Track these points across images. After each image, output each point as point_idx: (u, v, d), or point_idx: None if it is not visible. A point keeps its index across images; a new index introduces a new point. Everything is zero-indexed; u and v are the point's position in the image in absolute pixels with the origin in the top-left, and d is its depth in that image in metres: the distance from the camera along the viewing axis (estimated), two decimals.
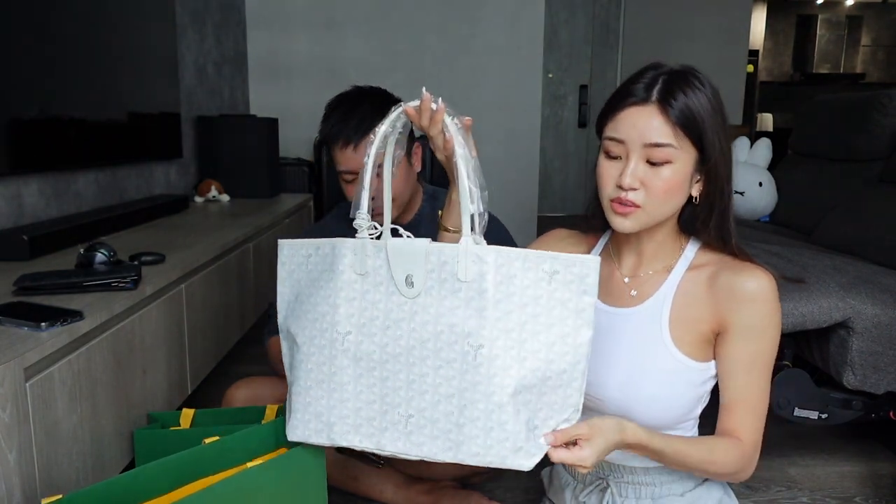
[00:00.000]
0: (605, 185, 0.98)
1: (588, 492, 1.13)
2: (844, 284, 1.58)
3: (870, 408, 1.63)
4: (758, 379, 1.00)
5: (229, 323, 2.03)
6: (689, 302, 1.01)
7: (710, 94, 0.96)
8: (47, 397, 1.06)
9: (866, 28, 8.74)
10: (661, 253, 1.05)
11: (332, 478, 1.39)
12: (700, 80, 0.97)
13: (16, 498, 0.98)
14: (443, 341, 0.87)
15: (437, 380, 0.88)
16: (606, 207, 1.00)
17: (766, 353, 1.00)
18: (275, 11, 3.84)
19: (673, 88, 0.94)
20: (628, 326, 1.04)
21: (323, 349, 0.94)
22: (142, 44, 2.41)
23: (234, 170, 3.02)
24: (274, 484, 1.07)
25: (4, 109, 1.65)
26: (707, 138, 0.95)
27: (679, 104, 0.93)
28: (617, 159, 0.97)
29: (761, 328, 0.99)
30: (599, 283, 1.08)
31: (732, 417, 1.01)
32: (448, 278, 0.87)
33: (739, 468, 1.00)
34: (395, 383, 0.91)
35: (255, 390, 1.50)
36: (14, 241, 1.56)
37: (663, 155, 0.94)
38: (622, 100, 0.97)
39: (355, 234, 0.94)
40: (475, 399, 0.86)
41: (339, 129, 1.40)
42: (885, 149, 2.28)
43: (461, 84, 3.91)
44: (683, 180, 0.96)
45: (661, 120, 0.93)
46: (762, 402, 1.01)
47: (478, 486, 1.51)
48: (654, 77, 0.96)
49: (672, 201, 0.98)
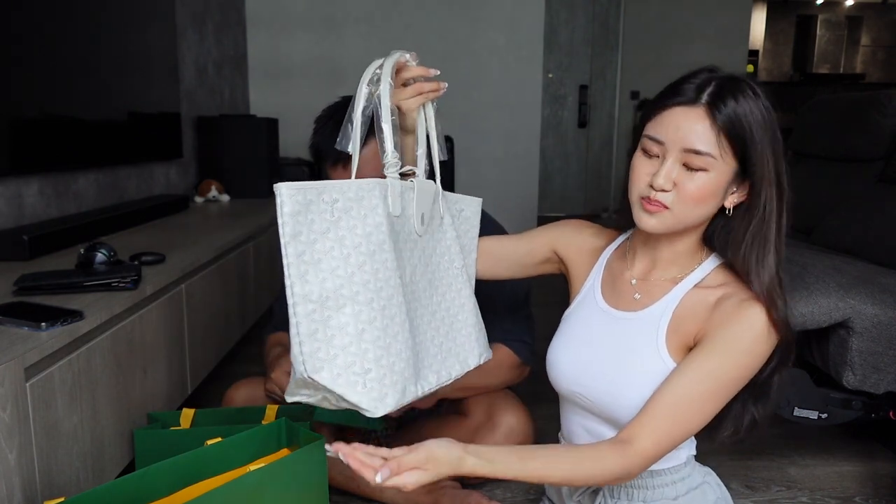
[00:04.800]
0: (638, 181, 0.95)
1: (581, 493, 1.13)
2: (844, 284, 1.58)
3: (870, 408, 1.62)
4: (694, 396, 0.92)
5: (229, 323, 2.03)
6: (689, 317, 0.98)
7: (763, 105, 0.92)
8: (47, 397, 1.06)
9: (866, 28, 8.74)
10: (677, 262, 1.02)
11: (332, 478, 1.39)
12: (755, 91, 0.92)
13: (16, 498, 0.98)
14: (442, 270, 1.02)
15: (445, 304, 1.02)
16: (635, 204, 0.96)
17: (722, 377, 0.92)
18: (275, 11, 3.84)
19: (725, 94, 0.90)
20: (625, 330, 1.03)
21: (378, 295, 0.87)
22: (142, 44, 2.41)
23: (234, 170, 3.02)
24: (276, 486, 1.07)
25: (4, 109, 1.65)
26: (752, 150, 0.90)
27: (728, 110, 0.89)
28: (654, 157, 0.94)
29: (730, 348, 0.93)
30: (608, 281, 1.09)
31: (639, 420, 0.93)
32: (435, 215, 1.02)
33: (615, 477, 0.93)
34: (422, 320, 0.97)
35: (255, 390, 1.50)
36: (14, 241, 1.56)
37: (700, 162, 0.91)
38: (670, 98, 0.93)
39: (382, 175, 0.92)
40: (461, 311, 1.05)
41: (331, 147, 1.37)
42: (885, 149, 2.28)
43: (461, 84, 3.91)
44: (717, 189, 0.93)
45: (705, 125, 0.90)
46: (684, 422, 0.92)
47: (478, 486, 1.51)
48: (708, 79, 0.92)
49: (701, 208, 0.94)
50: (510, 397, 1.52)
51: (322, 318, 0.84)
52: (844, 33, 8.70)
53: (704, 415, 0.94)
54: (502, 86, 4.02)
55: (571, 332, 1.09)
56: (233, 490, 1.01)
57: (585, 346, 1.06)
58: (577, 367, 1.05)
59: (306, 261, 0.84)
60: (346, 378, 0.84)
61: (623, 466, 0.92)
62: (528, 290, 1.53)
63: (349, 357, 0.85)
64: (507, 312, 1.49)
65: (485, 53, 3.98)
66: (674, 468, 1.06)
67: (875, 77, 8.63)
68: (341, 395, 0.84)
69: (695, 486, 1.08)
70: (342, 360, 0.84)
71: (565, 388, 1.08)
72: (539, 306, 1.57)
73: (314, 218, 0.85)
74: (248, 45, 3.85)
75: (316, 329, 0.84)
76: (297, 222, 0.83)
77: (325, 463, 1.17)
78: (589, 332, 1.06)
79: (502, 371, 1.48)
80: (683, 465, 1.07)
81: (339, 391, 0.84)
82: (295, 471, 1.11)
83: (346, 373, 0.84)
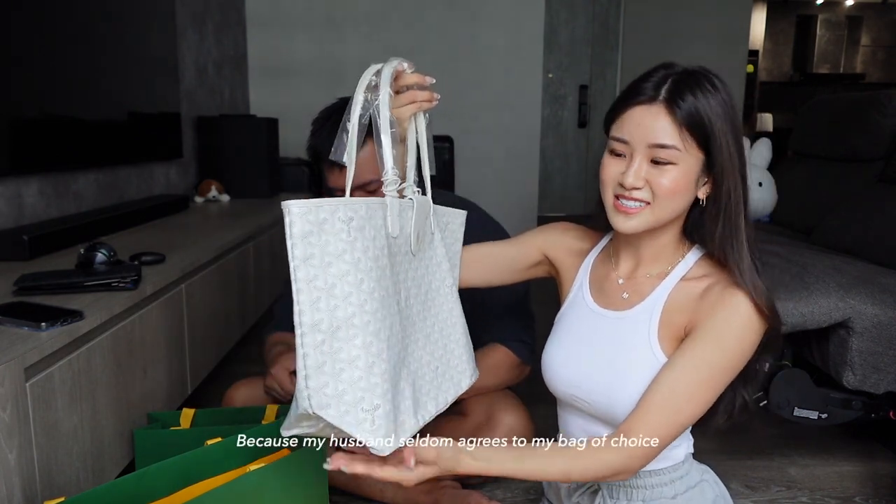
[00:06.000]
0: (608, 183, 0.97)
1: (581, 492, 1.13)
2: (844, 284, 1.58)
3: (870, 408, 1.63)
4: (688, 385, 0.93)
5: (229, 323, 2.03)
6: (678, 310, 0.99)
7: (722, 97, 0.93)
8: (47, 397, 1.06)
9: (866, 28, 8.75)
10: (661, 257, 1.03)
11: (332, 478, 1.39)
12: (712, 83, 0.94)
13: (16, 498, 0.98)
14: (434, 290, 0.97)
15: (438, 325, 0.97)
16: (609, 207, 0.98)
17: (715, 364, 0.94)
18: (275, 11, 3.84)
19: (682, 88, 0.92)
20: (617, 329, 1.03)
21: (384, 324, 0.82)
22: (142, 44, 2.41)
23: (234, 170, 3.02)
24: (276, 486, 1.07)
25: (4, 109, 1.65)
26: (714, 142, 0.92)
27: (687, 105, 0.91)
28: (621, 157, 0.96)
29: (722, 336, 0.94)
30: (595, 283, 1.09)
31: (636, 414, 0.94)
32: (427, 232, 0.96)
33: (613, 472, 0.94)
34: (416, 345, 0.92)
35: (255, 390, 1.50)
36: (14, 241, 1.56)
37: (667, 156, 0.92)
38: (630, 98, 0.95)
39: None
40: (453, 331, 1.00)
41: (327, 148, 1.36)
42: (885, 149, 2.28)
43: (461, 84, 3.91)
44: (689, 182, 0.95)
45: (667, 120, 0.92)
46: (680, 412, 0.93)
47: (478, 486, 1.51)
48: (664, 76, 0.94)
49: (676, 202, 0.96)
50: (510, 397, 1.52)
51: (331, 349, 0.77)
52: (844, 33, 8.70)
53: (700, 404, 0.95)
54: (502, 86, 4.02)
55: (564, 334, 1.10)
56: (233, 490, 1.01)
57: (578, 348, 1.06)
58: (571, 370, 1.05)
59: (318, 287, 0.77)
60: (354, 416, 0.78)
61: (621, 461, 0.93)
62: (528, 288, 1.53)
63: (358, 393, 0.78)
64: (506, 311, 1.49)
65: (485, 53, 3.97)
66: (672, 467, 1.06)
67: (875, 77, 8.64)
68: (348, 432, 0.78)
69: (693, 484, 1.09)
70: (350, 396, 0.78)
71: (561, 390, 1.08)
72: (538, 304, 1.57)
73: (329, 239, 0.77)
74: (248, 45, 3.85)
75: (324, 362, 0.77)
76: (309, 244, 0.76)
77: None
78: (581, 334, 1.07)
79: (501, 372, 1.48)
80: (681, 463, 1.07)
81: (347, 429, 0.78)
82: (295, 471, 1.11)
83: (354, 410, 0.78)
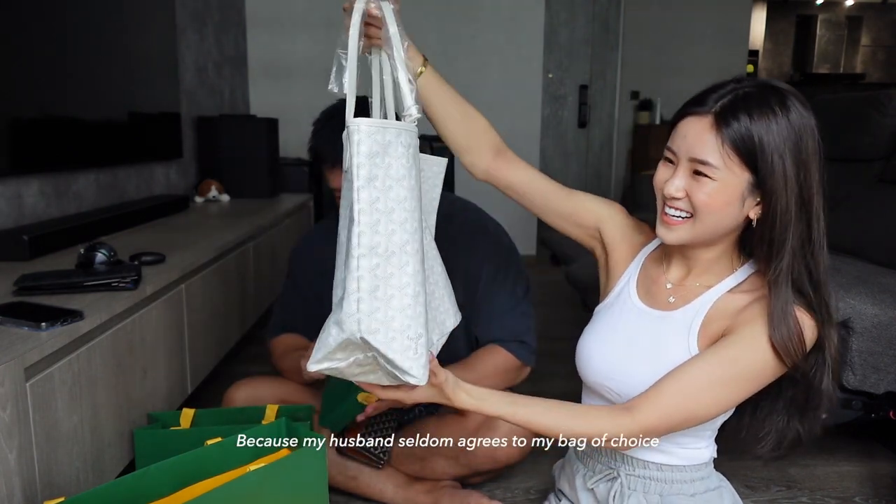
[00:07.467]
0: (657, 189, 0.99)
1: (596, 479, 1.13)
2: (844, 284, 1.58)
3: (869, 408, 1.62)
4: (708, 377, 0.93)
5: (229, 323, 2.03)
6: (720, 317, 0.99)
7: (789, 120, 0.89)
8: (47, 397, 1.06)
9: (866, 28, 8.75)
10: (712, 270, 1.03)
11: (332, 478, 1.39)
12: (783, 103, 0.90)
13: (16, 498, 0.98)
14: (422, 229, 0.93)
15: (428, 263, 0.94)
16: (658, 213, 0.99)
17: (741, 365, 0.93)
18: (275, 11, 3.84)
19: (738, 106, 0.89)
20: (658, 327, 1.04)
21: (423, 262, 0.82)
22: (142, 44, 2.41)
23: (234, 170, 3.02)
24: (276, 485, 1.07)
25: (5, 109, 1.65)
26: (765, 164, 0.89)
27: (736, 123, 0.88)
28: (671, 165, 0.97)
29: (755, 341, 0.93)
30: (643, 281, 1.09)
31: (646, 393, 0.95)
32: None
33: (605, 436, 0.94)
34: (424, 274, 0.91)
35: (255, 390, 1.50)
36: (14, 241, 1.56)
37: (705, 171, 0.92)
38: (690, 105, 0.95)
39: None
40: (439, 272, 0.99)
41: (329, 150, 1.35)
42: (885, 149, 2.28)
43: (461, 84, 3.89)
44: (729, 199, 0.92)
45: (711, 135, 0.90)
46: (691, 403, 0.94)
47: (478, 486, 1.51)
48: (731, 90, 0.92)
49: (717, 217, 0.94)
50: None
51: (385, 274, 0.76)
52: (844, 33, 8.70)
53: (717, 401, 0.95)
54: (502, 86, 4.02)
55: (603, 327, 1.10)
56: (233, 490, 1.01)
57: (620, 343, 1.07)
58: (609, 363, 1.06)
59: (379, 209, 0.75)
60: (400, 343, 0.78)
61: (617, 427, 0.94)
62: (527, 287, 1.53)
63: (406, 320, 0.78)
64: (506, 312, 1.49)
65: (485, 53, 3.98)
66: (695, 466, 1.08)
67: (875, 77, 8.64)
68: (392, 359, 0.77)
69: (713, 487, 1.10)
70: (399, 322, 0.77)
71: (594, 380, 1.09)
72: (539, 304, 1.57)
73: (391, 162, 0.76)
74: (248, 45, 3.85)
75: (377, 286, 0.76)
76: (375, 165, 0.75)
77: (325, 463, 1.16)
78: (622, 329, 1.08)
79: (500, 374, 1.48)
80: (704, 465, 1.09)
81: (392, 356, 0.77)
82: (295, 471, 1.11)
83: (400, 337, 0.77)
